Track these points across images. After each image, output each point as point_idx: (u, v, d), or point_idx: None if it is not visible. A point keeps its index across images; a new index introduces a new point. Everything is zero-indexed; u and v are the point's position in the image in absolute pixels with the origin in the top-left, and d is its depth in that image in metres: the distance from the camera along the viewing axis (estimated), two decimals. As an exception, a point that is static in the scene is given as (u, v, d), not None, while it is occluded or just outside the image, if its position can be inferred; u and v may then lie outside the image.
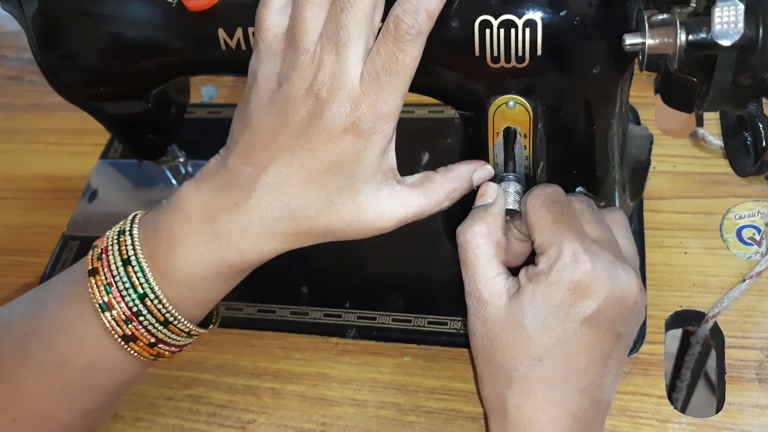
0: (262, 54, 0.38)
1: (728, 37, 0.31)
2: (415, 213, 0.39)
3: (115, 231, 0.39)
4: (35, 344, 0.40)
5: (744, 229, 0.54)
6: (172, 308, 0.38)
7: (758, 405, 0.46)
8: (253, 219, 0.37)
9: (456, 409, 0.50)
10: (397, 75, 0.35)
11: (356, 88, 0.35)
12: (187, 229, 0.37)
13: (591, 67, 0.38)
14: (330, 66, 0.35)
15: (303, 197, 0.37)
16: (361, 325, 0.55)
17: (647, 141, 0.49)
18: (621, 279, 0.38)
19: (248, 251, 0.38)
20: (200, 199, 0.38)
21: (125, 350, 0.39)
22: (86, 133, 0.73)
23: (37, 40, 0.46)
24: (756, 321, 0.50)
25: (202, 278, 0.38)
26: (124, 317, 0.37)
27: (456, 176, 0.41)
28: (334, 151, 0.36)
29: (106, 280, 0.37)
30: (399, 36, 0.34)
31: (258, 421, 0.52)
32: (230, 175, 0.38)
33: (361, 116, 0.35)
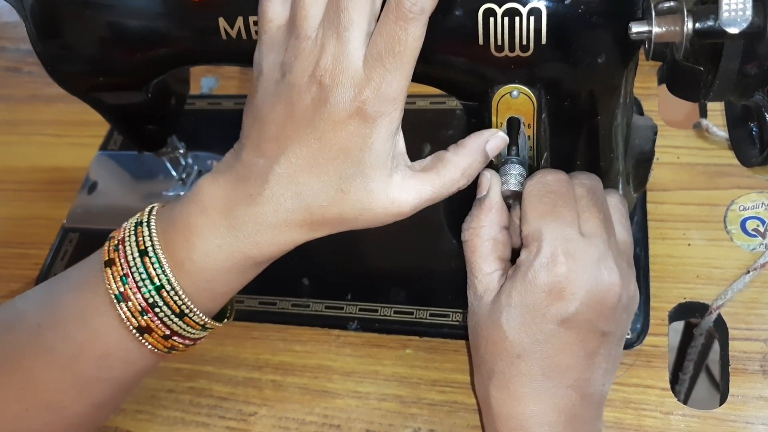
0: (264, 45, 0.38)
1: (736, 24, 0.31)
2: (430, 197, 0.38)
3: (132, 222, 0.39)
4: (50, 335, 0.39)
5: (748, 221, 0.54)
6: (188, 300, 0.38)
7: (762, 397, 0.46)
8: (268, 210, 0.37)
9: (458, 401, 0.49)
10: (401, 56, 0.34)
11: (359, 72, 0.34)
12: (205, 221, 0.37)
13: (596, 56, 0.38)
14: (332, 51, 0.34)
15: (313, 187, 0.36)
16: (363, 317, 0.54)
17: (651, 132, 0.49)
18: (602, 279, 0.38)
19: (265, 243, 0.38)
20: (217, 191, 0.38)
21: (140, 342, 0.39)
22: (86, 124, 0.72)
23: (36, 30, 0.45)
24: (760, 313, 0.49)
25: (219, 270, 0.38)
26: (139, 308, 0.37)
27: (468, 151, 0.39)
28: (341, 138, 0.35)
29: (122, 270, 0.37)
30: (401, 14, 0.33)
31: (259, 413, 0.51)
32: (244, 168, 0.37)
33: (366, 100, 0.34)
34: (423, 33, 0.35)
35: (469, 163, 0.39)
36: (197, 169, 0.64)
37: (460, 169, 0.38)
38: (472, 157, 0.39)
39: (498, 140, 0.40)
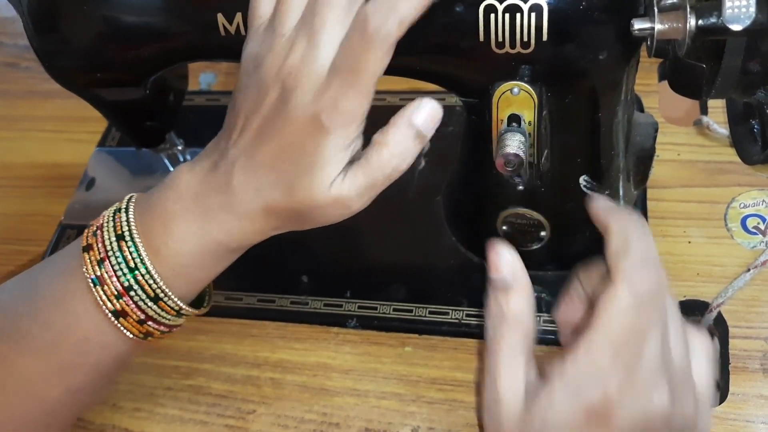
0: (249, 39, 0.38)
1: (739, 21, 0.31)
2: (367, 184, 0.36)
3: (111, 210, 0.40)
4: (29, 321, 0.40)
5: (749, 218, 0.54)
6: (163, 284, 0.38)
7: (762, 395, 0.46)
8: (235, 200, 0.37)
9: (457, 399, 0.49)
10: (359, 76, 0.34)
11: (322, 78, 0.34)
12: (180, 208, 0.38)
13: (597, 52, 0.38)
14: (300, 51, 0.34)
15: (268, 181, 0.36)
16: (362, 314, 0.54)
17: (652, 129, 0.49)
18: (651, 404, 0.32)
19: (235, 231, 0.38)
20: (192, 179, 0.38)
21: (115, 326, 0.39)
22: (83, 120, 0.72)
23: (33, 25, 0.45)
24: (761, 311, 0.49)
25: (194, 255, 0.39)
26: (115, 292, 0.38)
27: (393, 128, 0.36)
28: (296, 139, 0.35)
29: (99, 255, 0.38)
30: (365, 35, 0.33)
31: (258, 411, 0.51)
32: (219, 157, 0.38)
33: (322, 110, 0.34)
34: (387, 58, 0.34)
35: (395, 139, 0.36)
36: (196, 165, 0.64)
37: (387, 147, 0.36)
38: (398, 132, 0.36)
39: (425, 110, 0.36)
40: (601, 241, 0.53)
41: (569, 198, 0.48)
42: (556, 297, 0.52)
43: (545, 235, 0.50)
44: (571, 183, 0.46)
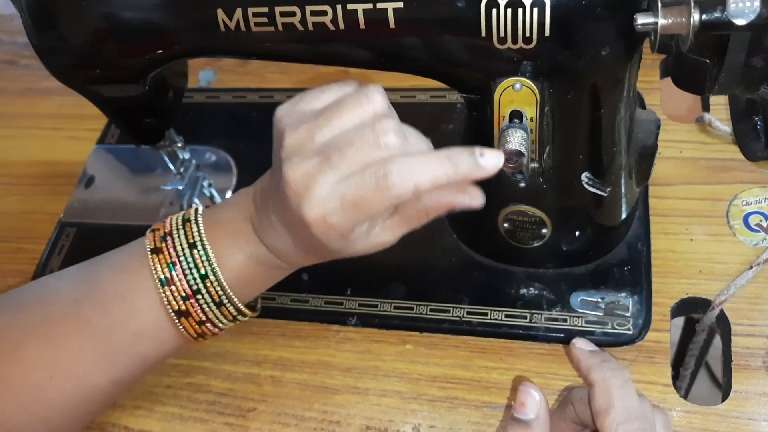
0: (292, 108, 0.40)
1: (743, 16, 0.31)
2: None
3: (179, 219, 0.43)
4: (88, 307, 0.42)
5: (751, 216, 0.53)
6: (229, 291, 0.42)
7: (765, 393, 0.46)
8: (279, 236, 0.41)
9: (458, 397, 0.49)
10: (360, 209, 0.36)
11: (328, 193, 0.36)
12: (249, 228, 0.42)
13: (600, 48, 0.37)
14: (316, 165, 0.37)
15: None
16: (363, 312, 0.54)
17: (654, 126, 0.48)
18: None
19: (285, 258, 0.42)
20: (254, 208, 0.42)
21: (174, 324, 0.42)
22: (83, 118, 0.72)
23: (32, 22, 0.45)
24: (763, 308, 0.49)
25: (255, 268, 0.42)
26: (183, 294, 0.41)
27: None
28: (306, 236, 0.39)
29: (170, 258, 0.41)
30: (381, 186, 0.35)
31: (258, 409, 0.51)
32: (267, 198, 0.41)
33: (326, 213, 0.37)
34: (390, 205, 0.36)
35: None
36: (195, 162, 0.63)
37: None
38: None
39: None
40: (602, 240, 0.53)
41: (571, 195, 0.48)
42: (557, 295, 0.52)
43: (546, 233, 0.50)
44: (573, 180, 0.46)
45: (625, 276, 0.52)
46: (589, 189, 0.47)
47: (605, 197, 0.48)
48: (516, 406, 0.40)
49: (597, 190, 0.47)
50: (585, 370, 0.40)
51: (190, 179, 0.63)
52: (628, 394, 0.38)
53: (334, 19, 0.39)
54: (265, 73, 0.73)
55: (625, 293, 0.51)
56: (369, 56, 0.42)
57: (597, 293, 0.51)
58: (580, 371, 0.40)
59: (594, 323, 0.50)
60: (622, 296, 0.51)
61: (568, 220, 0.50)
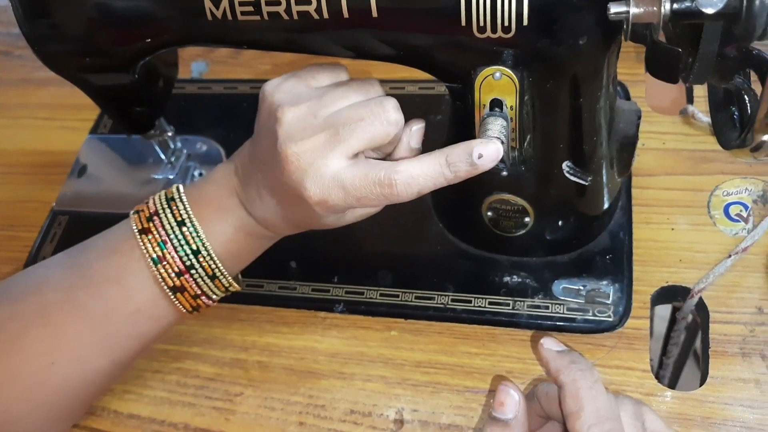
0: (289, 81, 0.42)
1: (712, 5, 0.31)
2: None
3: (162, 198, 0.44)
4: (83, 293, 0.43)
5: (731, 206, 0.54)
6: (220, 264, 0.43)
7: (741, 378, 0.47)
8: (264, 206, 0.43)
9: (441, 381, 0.50)
10: (361, 202, 0.39)
11: (328, 177, 0.39)
12: (234, 202, 0.43)
13: (577, 38, 0.38)
14: (323, 142, 0.38)
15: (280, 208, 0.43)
16: (349, 299, 0.55)
17: (635, 116, 0.49)
18: None
19: (271, 227, 0.44)
20: (238, 182, 0.44)
21: (170, 300, 0.44)
22: (76, 108, 0.72)
23: (23, 10, 0.45)
24: (741, 296, 0.50)
25: (243, 240, 0.44)
26: (177, 270, 0.43)
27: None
28: (298, 208, 0.41)
29: (160, 237, 0.42)
30: (386, 191, 0.38)
31: (245, 393, 0.52)
32: (250, 171, 0.43)
33: (327, 196, 0.39)
34: (389, 202, 0.39)
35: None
36: (186, 152, 0.64)
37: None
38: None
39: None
40: (585, 229, 0.54)
41: (553, 184, 0.48)
42: (540, 283, 0.53)
43: (529, 221, 0.50)
44: (555, 169, 0.47)
45: (607, 264, 0.53)
46: (570, 178, 0.47)
47: (587, 186, 0.49)
48: (495, 406, 0.40)
49: (578, 179, 0.48)
50: (554, 371, 0.40)
51: (181, 168, 0.64)
52: (597, 395, 0.38)
53: (318, 9, 0.40)
54: (256, 65, 0.74)
55: (606, 281, 0.52)
56: (353, 45, 0.43)
57: (579, 281, 0.52)
58: (549, 372, 0.40)
59: (575, 310, 0.51)
60: (603, 284, 0.52)
61: (551, 208, 0.51)
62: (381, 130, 0.39)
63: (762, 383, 0.47)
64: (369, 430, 0.49)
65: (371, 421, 0.49)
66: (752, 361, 0.47)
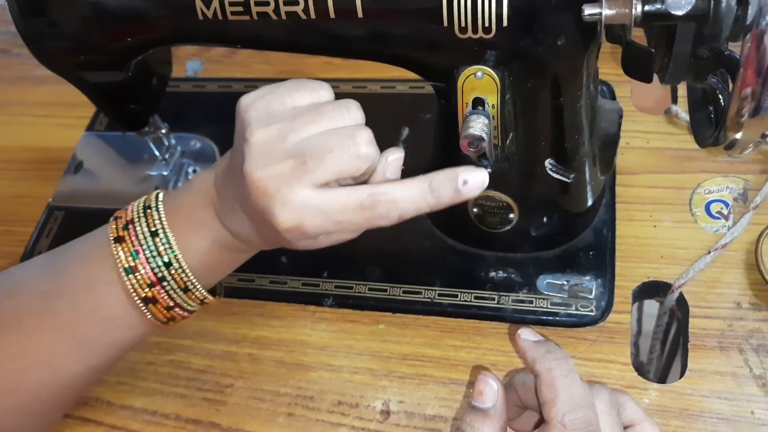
0: (263, 98, 0.39)
1: (680, 7, 0.32)
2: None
3: (140, 206, 0.43)
4: (57, 300, 0.43)
5: (713, 204, 0.55)
6: (193, 277, 0.42)
7: (718, 371, 0.48)
8: (241, 221, 0.41)
9: (427, 374, 0.51)
10: (341, 226, 0.38)
11: (299, 203, 0.37)
12: (209, 214, 0.42)
13: (556, 38, 0.39)
14: (289, 170, 0.37)
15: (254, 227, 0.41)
16: (338, 293, 0.56)
17: (617, 115, 0.50)
18: None
19: (248, 241, 0.42)
20: (215, 193, 0.42)
21: (142, 311, 0.42)
22: (73, 105, 0.73)
23: (18, 9, 0.46)
24: (720, 292, 0.51)
25: (218, 253, 0.43)
26: (148, 281, 0.41)
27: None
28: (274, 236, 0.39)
29: (133, 247, 0.41)
30: (366, 214, 0.37)
31: (236, 385, 0.53)
32: (229, 183, 0.41)
33: (301, 222, 0.37)
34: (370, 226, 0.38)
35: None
36: (180, 149, 0.65)
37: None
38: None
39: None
40: (569, 226, 0.55)
41: (536, 181, 0.49)
42: (524, 278, 0.54)
43: (514, 218, 0.52)
44: (537, 166, 0.48)
45: (590, 260, 0.54)
46: (553, 175, 0.49)
47: (570, 184, 0.50)
48: (474, 395, 0.41)
49: (561, 176, 0.49)
50: (530, 361, 0.40)
51: (176, 165, 0.65)
52: (572, 384, 0.38)
53: (306, 9, 0.41)
54: (251, 64, 0.75)
55: (589, 277, 0.53)
56: (340, 45, 0.44)
57: (563, 276, 0.53)
58: (526, 362, 0.41)
59: (559, 305, 0.52)
60: (586, 279, 0.53)
61: (535, 205, 0.52)
62: (350, 165, 0.36)
63: (739, 376, 0.48)
64: (356, 420, 0.50)
65: (358, 412, 0.50)
66: (730, 354, 0.49)
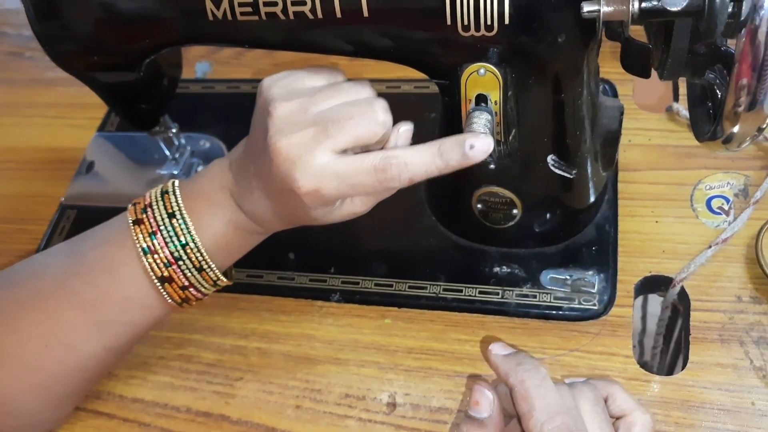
0: (284, 78, 0.43)
1: (676, 3, 0.33)
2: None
3: (158, 191, 0.45)
4: (76, 280, 0.45)
5: (714, 199, 0.56)
6: (208, 257, 0.44)
7: (719, 363, 0.49)
8: (257, 203, 0.44)
9: (432, 367, 0.52)
10: (356, 189, 0.40)
11: (319, 167, 0.39)
12: (224, 197, 0.45)
13: (556, 35, 0.40)
14: (310, 138, 0.39)
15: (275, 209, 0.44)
16: (345, 289, 0.57)
17: (618, 112, 0.51)
18: None
19: (261, 223, 0.45)
20: (231, 177, 0.45)
21: (159, 290, 0.45)
22: (84, 106, 0.75)
23: (34, 11, 0.48)
24: (720, 285, 0.52)
25: (232, 234, 0.45)
26: (165, 261, 0.44)
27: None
28: (294, 206, 0.42)
29: (151, 228, 0.44)
30: (379, 178, 0.39)
31: (245, 378, 0.54)
32: (245, 165, 0.44)
33: (319, 185, 0.40)
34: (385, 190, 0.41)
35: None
36: (190, 149, 0.67)
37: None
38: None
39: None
40: (571, 222, 0.56)
41: (538, 177, 0.50)
42: (528, 273, 0.55)
43: (517, 213, 0.52)
44: (540, 162, 0.49)
45: (592, 255, 0.55)
46: (555, 171, 0.49)
47: (572, 180, 0.51)
48: (471, 405, 0.42)
49: (563, 172, 0.50)
50: (503, 375, 0.41)
51: (185, 165, 0.66)
52: (546, 392, 0.39)
53: (313, 9, 0.42)
54: (259, 65, 0.76)
55: (592, 271, 0.54)
56: (347, 44, 0.45)
57: (566, 271, 0.54)
58: (500, 377, 0.41)
59: (562, 299, 0.53)
60: (589, 274, 0.54)
61: (538, 201, 0.53)
62: (368, 129, 0.40)
63: (739, 368, 0.48)
64: (363, 412, 0.51)
65: (365, 405, 0.51)
66: (731, 347, 0.49)
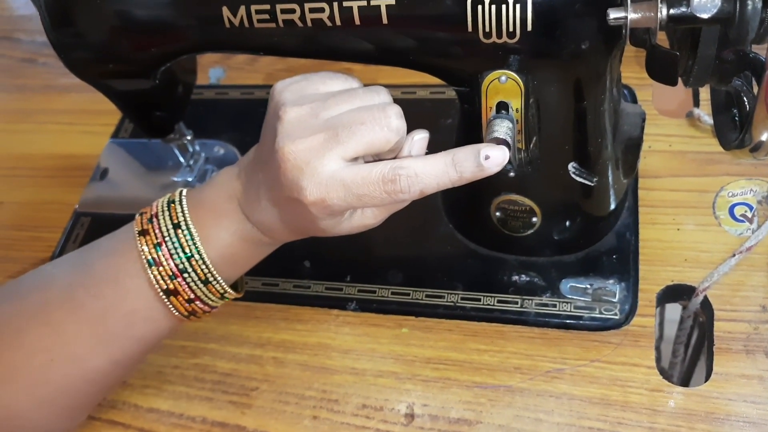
0: (296, 83, 0.41)
1: (706, 10, 0.33)
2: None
3: (165, 201, 0.44)
4: (82, 292, 0.44)
5: (736, 207, 0.55)
6: (214, 270, 0.43)
7: (744, 375, 0.48)
8: (265, 213, 0.43)
9: (451, 377, 0.51)
10: (363, 201, 0.38)
11: (327, 177, 0.38)
12: (231, 207, 0.43)
13: (580, 42, 0.40)
14: (321, 142, 0.38)
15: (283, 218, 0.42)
16: (362, 297, 0.56)
17: (640, 118, 0.50)
18: None
19: (269, 233, 0.44)
20: (239, 186, 0.44)
21: (164, 303, 0.43)
22: (98, 113, 0.75)
23: (50, 19, 0.47)
24: (744, 295, 0.51)
25: (239, 245, 0.44)
26: (170, 273, 0.42)
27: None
28: (302, 216, 0.41)
29: (156, 239, 0.42)
30: (389, 189, 0.38)
31: (261, 388, 0.53)
32: (253, 174, 0.43)
33: (325, 196, 0.38)
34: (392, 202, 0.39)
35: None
36: (204, 155, 0.66)
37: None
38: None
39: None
40: (591, 229, 0.55)
41: (559, 184, 0.50)
42: (547, 282, 0.54)
43: (537, 221, 0.52)
44: (560, 170, 0.48)
45: (613, 264, 0.54)
46: (576, 179, 0.49)
47: (593, 187, 0.50)
48: None
49: (584, 179, 0.49)
50: None
51: (200, 171, 0.66)
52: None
53: (331, 16, 0.42)
54: (272, 71, 0.76)
55: (612, 280, 0.53)
56: (365, 50, 0.44)
57: (586, 280, 0.53)
58: None
59: (582, 308, 0.52)
60: (609, 283, 0.53)
61: (558, 209, 0.52)
62: (381, 136, 0.38)
63: (765, 379, 0.47)
64: (381, 423, 0.50)
65: (383, 415, 0.50)
66: (756, 357, 0.48)
